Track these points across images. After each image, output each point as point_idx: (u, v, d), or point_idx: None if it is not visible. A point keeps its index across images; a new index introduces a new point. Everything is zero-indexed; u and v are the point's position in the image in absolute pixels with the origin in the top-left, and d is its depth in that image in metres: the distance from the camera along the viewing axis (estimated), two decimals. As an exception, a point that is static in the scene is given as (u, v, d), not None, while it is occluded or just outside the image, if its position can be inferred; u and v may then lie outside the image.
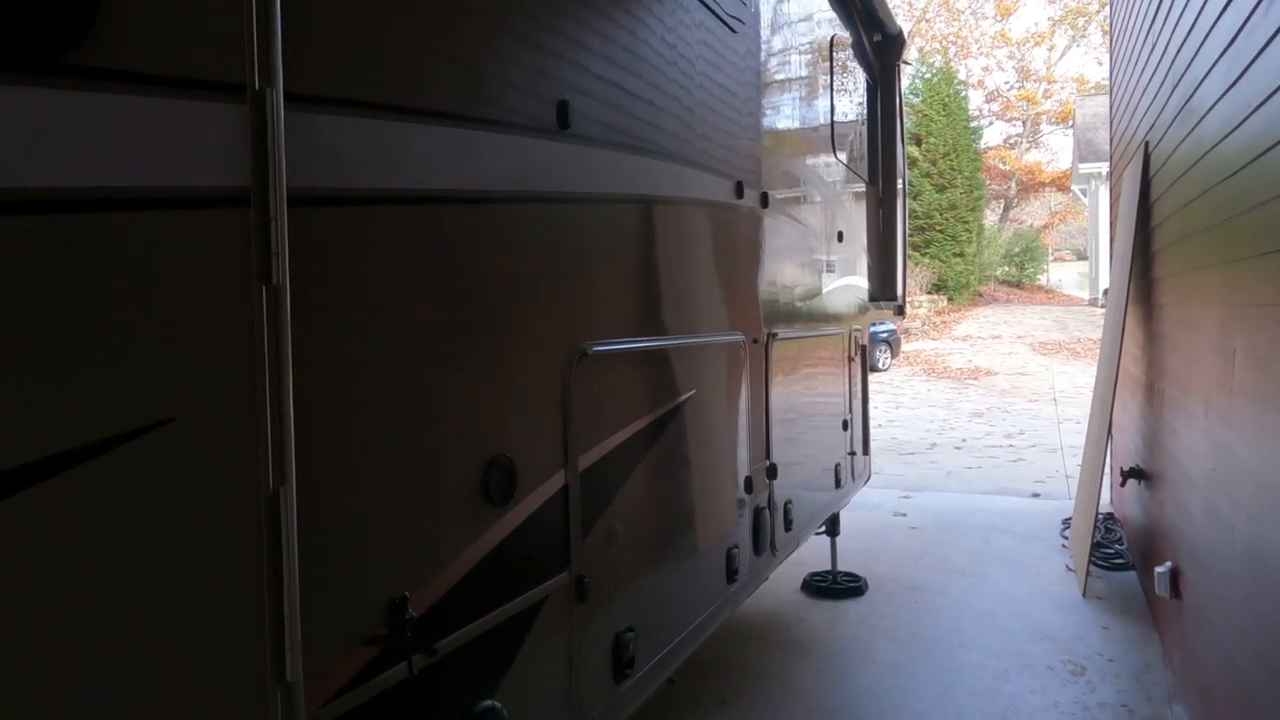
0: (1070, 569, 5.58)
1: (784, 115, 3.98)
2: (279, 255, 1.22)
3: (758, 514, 3.34)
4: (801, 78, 4.28)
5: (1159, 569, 4.00)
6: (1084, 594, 5.07)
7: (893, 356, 18.65)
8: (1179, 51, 4.06)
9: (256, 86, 1.21)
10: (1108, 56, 8.00)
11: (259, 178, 1.20)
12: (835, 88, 4.76)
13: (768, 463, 3.46)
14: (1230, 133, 3.05)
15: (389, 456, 1.49)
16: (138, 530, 1.08)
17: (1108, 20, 8.14)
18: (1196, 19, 3.64)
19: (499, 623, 1.75)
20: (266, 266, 1.21)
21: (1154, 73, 4.90)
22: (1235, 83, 2.99)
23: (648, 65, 2.47)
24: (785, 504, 3.69)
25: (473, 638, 1.67)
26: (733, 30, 3.21)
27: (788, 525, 3.72)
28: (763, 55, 3.58)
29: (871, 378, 16.27)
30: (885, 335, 17.93)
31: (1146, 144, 5.20)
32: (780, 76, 3.88)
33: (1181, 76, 4.00)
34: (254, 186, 1.20)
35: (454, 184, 1.65)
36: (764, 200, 3.45)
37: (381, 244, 1.48)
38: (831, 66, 4.66)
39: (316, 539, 1.32)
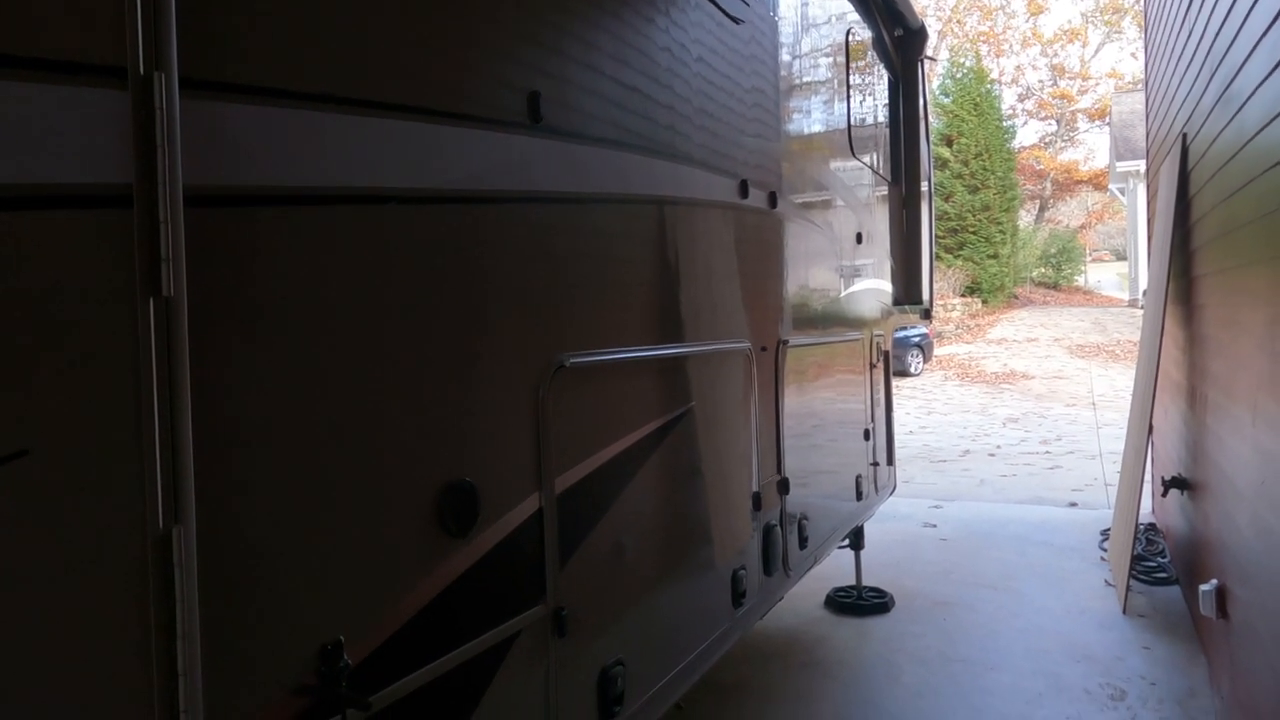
0: (1110, 583, 5.31)
1: (796, 113, 3.80)
2: (169, 262, 1.07)
3: (768, 532, 3.15)
4: (815, 74, 4.10)
5: (1204, 587, 3.75)
6: (1124, 611, 4.80)
7: (925, 361, 18.28)
8: (1216, 36, 3.83)
9: (141, 71, 1.06)
10: (1143, 49, 7.71)
11: (145, 175, 1.06)
12: (853, 85, 4.56)
13: (779, 477, 3.28)
14: (1274, 119, 2.84)
15: (319, 486, 1.33)
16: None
17: (1142, 12, 7.86)
18: (1234, 1, 3.42)
19: (459, 664, 1.59)
20: (155, 275, 1.07)
21: (1190, 61, 4.66)
22: (1279, 65, 2.78)
23: (632, 56, 2.31)
24: (800, 520, 3.50)
25: (426, 683, 1.51)
26: (736, 22, 3.04)
27: (803, 543, 3.52)
28: (771, 50, 3.40)
29: (903, 382, 16.10)
30: (917, 339, 17.58)
31: (1184, 135, 4.95)
32: (791, 72, 3.70)
33: (1220, 63, 3.77)
34: (138, 185, 1.06)
35: (401, 182, 1.51)
36: (772, 200, 3.27)
37: (309, 247, 1.33)
38: (848, 62, 4.46)
39: (227, 581, 1.17)
